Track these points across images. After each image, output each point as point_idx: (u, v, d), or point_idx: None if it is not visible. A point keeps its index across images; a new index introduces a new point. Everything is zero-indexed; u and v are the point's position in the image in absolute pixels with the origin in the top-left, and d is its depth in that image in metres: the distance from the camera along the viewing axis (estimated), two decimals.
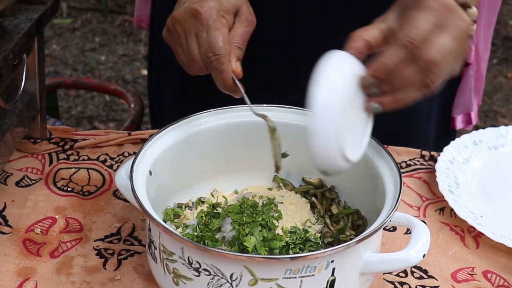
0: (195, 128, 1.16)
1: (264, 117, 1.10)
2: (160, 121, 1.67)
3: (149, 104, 1.77)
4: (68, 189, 1.27)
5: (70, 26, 4.23)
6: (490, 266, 1.17)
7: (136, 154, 1.06)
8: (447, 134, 1.60)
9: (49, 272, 1.10)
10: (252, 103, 1.13)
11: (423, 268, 1.15)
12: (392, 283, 1.12)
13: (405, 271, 1.14)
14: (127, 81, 3.77)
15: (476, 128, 1.56)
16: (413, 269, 1.15)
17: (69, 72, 3.81)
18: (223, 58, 1.09)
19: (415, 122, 1.52)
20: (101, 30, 4.22)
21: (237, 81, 1.11)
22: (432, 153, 1.41)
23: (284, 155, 1.12)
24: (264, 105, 1.18)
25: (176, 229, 1.11)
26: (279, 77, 1.46)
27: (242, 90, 1.11)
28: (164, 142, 1.12)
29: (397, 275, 1.14)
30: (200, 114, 1.17)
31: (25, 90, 1.23)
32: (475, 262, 1.18)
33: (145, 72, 3.85)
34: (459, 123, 1.58)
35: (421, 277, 1.14)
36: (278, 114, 1.18)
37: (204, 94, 1.53)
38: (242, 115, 1.18)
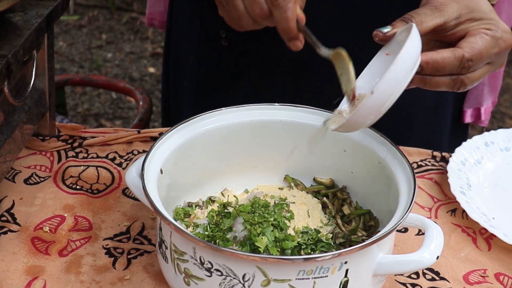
0: (206, 126, 1.15)
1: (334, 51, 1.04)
2: (176, 118, 1.66)
3: (162, 101, 1.76)
4: (77, 187, 1.27)
5: (77, 23, 4.23)
6: (502, 268, 1.16)
7: (147, 152, 1.05)
8: (459, 127, 1.60)
9: (58, 271, 1.09)
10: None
11: (435, 270, 1.14)
12: (404, 284, 1.11)
13: (417, 273, 1.13)
14: (134, 78, 3.77)
15: (486, 129, 1.54)
16: (425, 270, 1.14)
17: (75, 69, 3.80)
18: None
19: (418, 110, 1.52)
20: (107, 28, 4.21)
21: (301, 24, 1.06)
22: (444, 154, 1.40)
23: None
24: (276, 104, 1.18)
25: (186, 228, 1.10)
26: (294, 77, 1.46)
27: (309, 32, 1.05)
28: (175, 141, 1.11)
29: (409, 276, 1.12)
30: (211, 112, 1.15)
31: (34, 86, 1.22)
32: (487, 264, 1.17)
33: (152, 69, 3.85)
34: (468, 117, 1.58)
35: (433, 279, 1.13)
36: (290, 113, 1.17)
37: (221, 90, 1.52)
38: (253, 114, 1.17)
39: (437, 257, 0.96)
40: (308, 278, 0.91)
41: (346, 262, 0.92)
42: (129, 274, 1.09)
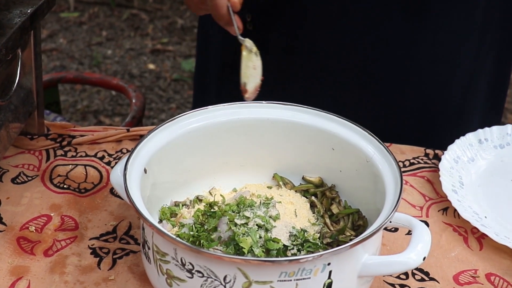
0: (193, 125, 1.13)
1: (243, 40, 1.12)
2: (203, 100, 1.68)
3: (195, 79, 1.79)
4: (65, 186, 1.25)
5: (77, 20, 4.22)
6: (493, 269, 1.14)
7: (130, 151, 1.04)
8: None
9: (42, 271, 1.08)
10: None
11: (425, 270, 1.13)
12: (393, 285, 1.09)
13: (406, 273, 1.12)
14: (134, 75, 3.76)
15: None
16: (414, 271, 1.12)
17: (75, 66, 3.79)
18: None
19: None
20: (108, 24, 4.20)
21: (231, 12, 1.13)
22: (437, 151, 1.39)
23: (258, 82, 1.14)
24: (263, 102, 1.16)
25: (173, 228, 1.09)
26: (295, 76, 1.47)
27: (235, 23, 1.13)
28: (160, 140, 1.09)
29: (398, 277, 1.11)
30: (198, 110, 1.14)
31: (20, 85, 1.21)
32: (478, 264, 1.15)
33: (152, 66, 3.83)
34: None
35: (422, 280, 1.11)
36: (278, 111, 1.16)
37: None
38: (241, 112, 1.16)
39: (424, 258, 0.95)
40: (290, 280, 0.90)
41: (329, 264, 0.91)
42: (114, 275, 1.08)
